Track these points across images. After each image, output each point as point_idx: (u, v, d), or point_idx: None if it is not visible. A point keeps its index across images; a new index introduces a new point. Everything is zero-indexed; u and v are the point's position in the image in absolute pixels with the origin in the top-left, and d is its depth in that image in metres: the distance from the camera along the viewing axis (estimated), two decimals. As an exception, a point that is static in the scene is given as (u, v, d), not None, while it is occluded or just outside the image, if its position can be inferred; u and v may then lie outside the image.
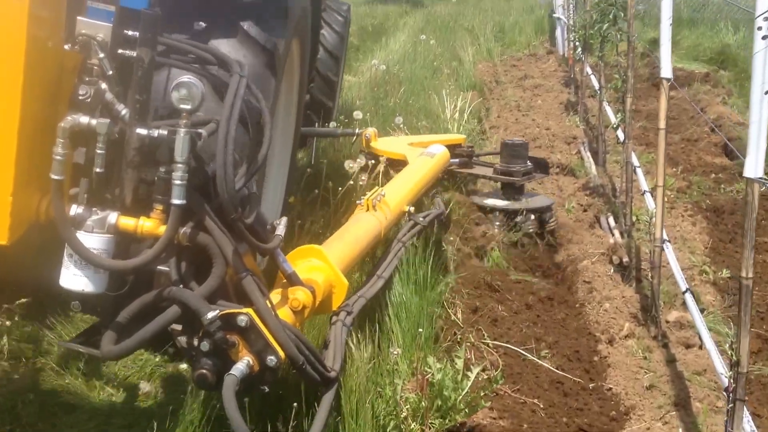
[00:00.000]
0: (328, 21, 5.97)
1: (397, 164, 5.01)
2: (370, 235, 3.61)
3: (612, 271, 5.03)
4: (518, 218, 5.24)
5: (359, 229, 3.60)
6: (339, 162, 5.40)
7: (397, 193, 4.17)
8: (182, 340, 2.52)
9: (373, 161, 5.01)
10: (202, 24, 2.93)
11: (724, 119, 8.13)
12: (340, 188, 4.33)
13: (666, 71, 3.90)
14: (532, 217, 5.30)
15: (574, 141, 7.81)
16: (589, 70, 8.57)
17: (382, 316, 3.43)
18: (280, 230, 2.79)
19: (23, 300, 3.49)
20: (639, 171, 5.45)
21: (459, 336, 3.56)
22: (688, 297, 3.83)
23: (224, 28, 2.97)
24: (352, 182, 4.34)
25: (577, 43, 9.21)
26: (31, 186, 2.44)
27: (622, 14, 5.37)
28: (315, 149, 5.80)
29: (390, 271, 3.65)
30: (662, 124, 3.98)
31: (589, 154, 7.31)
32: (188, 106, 2.44)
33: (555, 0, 13.02)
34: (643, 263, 5.15)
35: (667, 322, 4.48)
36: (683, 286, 3.93)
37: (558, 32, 12.64)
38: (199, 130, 2.53)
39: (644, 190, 5.04)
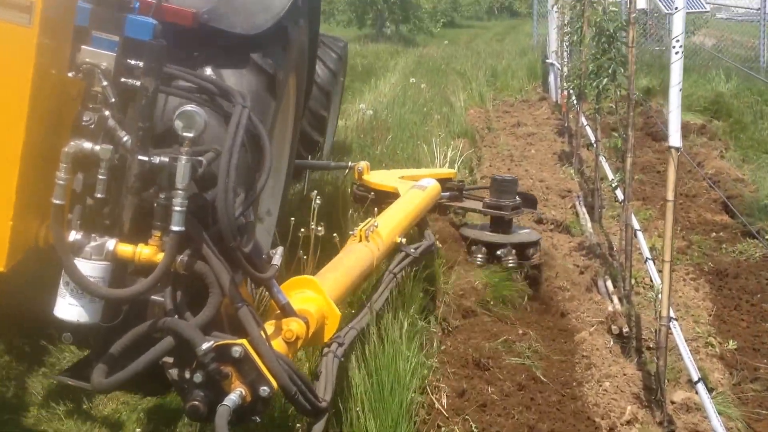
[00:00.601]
0: (321, 57, 6.04)
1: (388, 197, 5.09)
2: (362, 266, 3.63)
3: (611, 342, 4.66)
4: (500, 251, 5.20)
5: (352, 259, 3.61)
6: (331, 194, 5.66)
7: (389, 225, 4.17)
8: (173, 372, 2.48)
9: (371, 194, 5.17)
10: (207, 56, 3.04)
11: (722, 174, 7.85)
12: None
13: (675, 140, 3.57)
14: (514, 251, 5.26)
15: (568, 194, 7.49)
16: (584, 120, 8.27)
17: (355, 406, 3.03)
18: (276, 260, 2.77)
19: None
20: (640, 235, 5.10)
21: (444, 429, 3.16)
22: (701, 388, 3.46)
23: (226, 58, 3.08)
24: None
25: (571, 91, 8.96)
26: (31, 210, 2.42)
27: (622, 70, 5.06)
28: (307, 181, 5.87)
29: (381, 303, 3.64)
30: (670, 195, 3.63)
31: (584, 209, 6.97)
32: (190, 134, 2.46)
33: (548, 46, 12.81)
34: (644, 331, 4.81)
35: (673, 402, 4.11)
36: (695, 375, 3.56)
37: (551, 78, 12.42)
38: (200, 158, 2.55)
39: (646, 258, 4.68)
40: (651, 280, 4.93)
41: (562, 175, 8.09)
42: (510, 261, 5.11)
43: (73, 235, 2.48)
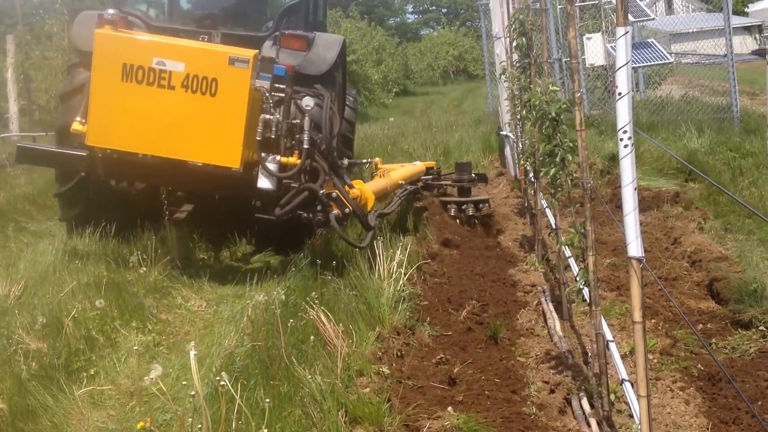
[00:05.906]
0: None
1: None
2: (383, 186, 8.47)
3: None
4: (462, 207, 9.66)
5: (378, 182, 8.55)
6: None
7: (395, 175, 9.04)
8: (305, 214, 6.92)
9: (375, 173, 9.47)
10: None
11: (703, 251, 7.52)
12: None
13: (634, 249, 3.19)
14: (472, 205, 9.69)
15: (533, 289, 7.08)
16: (544, 202, 7.95)
17: None
18: (345, 163, 8.30)
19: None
20: (613, 347, 4.67)
21: None
22: None
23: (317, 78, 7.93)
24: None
25: (528, 167, 8.67)
26: (248, 144, 6.75)
27: (570, 157, 4.73)
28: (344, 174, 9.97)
29: (392, 209, 8.23)
30: (638, 316, 3.23)
31: (551, 306, 6.56)
32: (309, 108, 6.92)
33: (501, 116, 12.62)
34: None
35: None
36: None
37: (507, 151, 12.20)
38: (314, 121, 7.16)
39: (622, 379, 4.25)
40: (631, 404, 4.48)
41: (525, 266, 7.69)
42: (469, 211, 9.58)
43: (264, 154, 6.82)
